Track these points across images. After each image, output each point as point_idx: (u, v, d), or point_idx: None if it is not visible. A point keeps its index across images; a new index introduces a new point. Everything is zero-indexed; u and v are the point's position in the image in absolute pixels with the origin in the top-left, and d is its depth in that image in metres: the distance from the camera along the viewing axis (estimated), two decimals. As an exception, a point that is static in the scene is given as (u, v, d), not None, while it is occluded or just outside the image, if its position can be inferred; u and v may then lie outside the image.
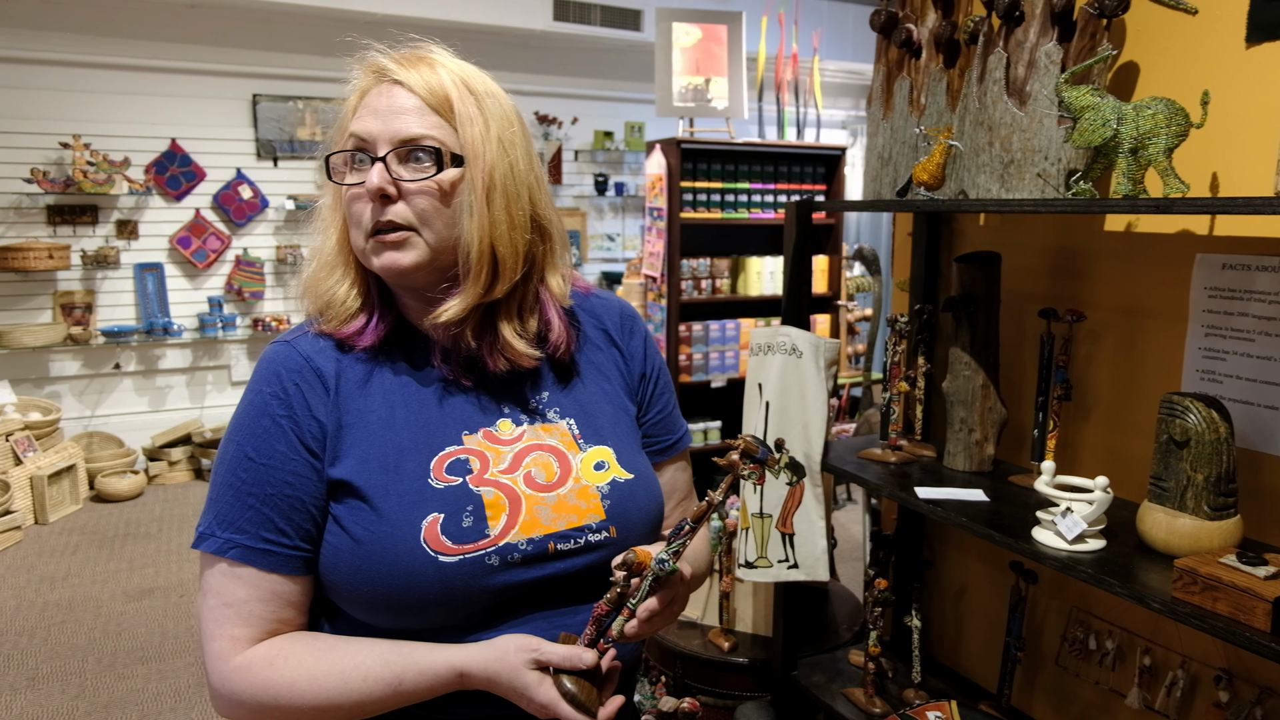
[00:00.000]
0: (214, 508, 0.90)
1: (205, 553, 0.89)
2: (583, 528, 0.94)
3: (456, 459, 0.93)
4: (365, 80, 0.95)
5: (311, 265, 1.00)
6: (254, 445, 0.89)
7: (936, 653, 2.09)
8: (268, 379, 0.92)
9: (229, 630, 0.88)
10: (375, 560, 0.87)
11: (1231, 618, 1.11)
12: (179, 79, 5.22)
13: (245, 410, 0.91)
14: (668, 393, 1.15)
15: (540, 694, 0.83)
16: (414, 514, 0.88)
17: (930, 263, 1.96)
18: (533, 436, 0.98)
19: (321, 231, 1.00)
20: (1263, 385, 1.39)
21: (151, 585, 3.75)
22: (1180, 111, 1.26)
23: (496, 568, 0.89)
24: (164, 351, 5.37)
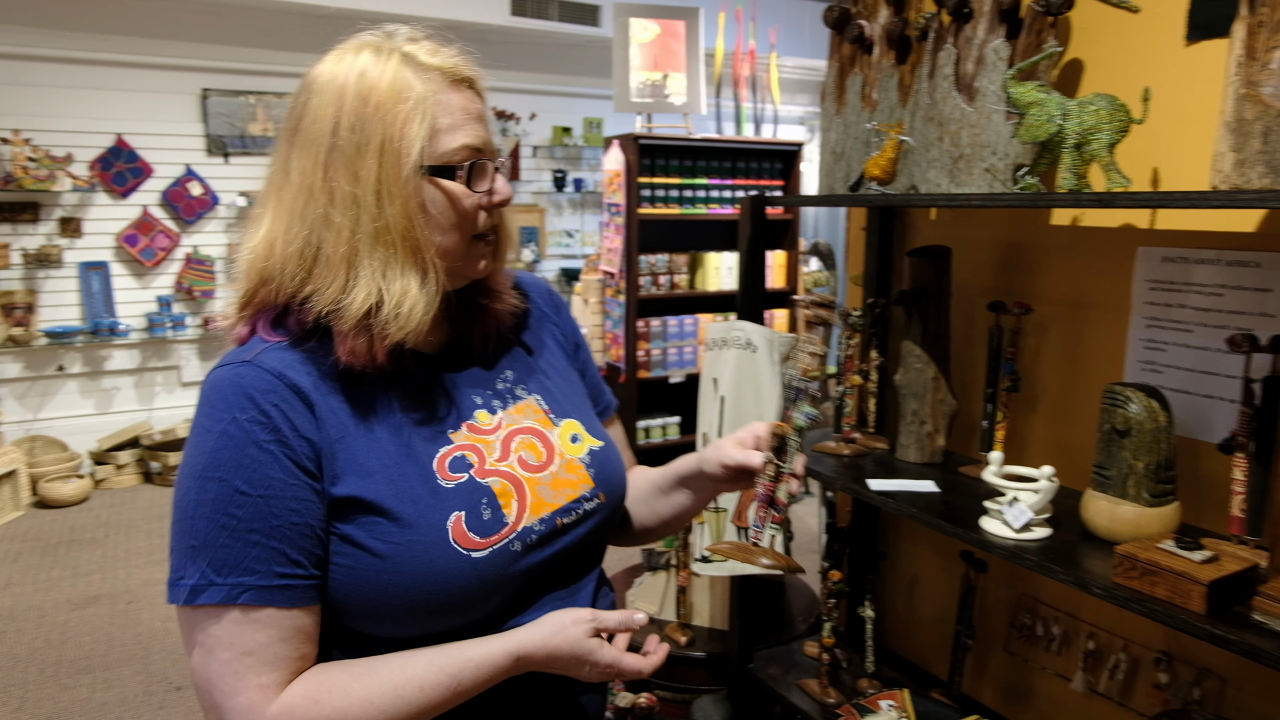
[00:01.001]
0: (204, 554, 0.81)
1: (204, 605, 0.81)
2: (579, 499, 0.99)
3: (455, 456, 0.93)
4: (435, 81, 0.91)
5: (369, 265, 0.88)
6: (244, 478, 0.82)
7: (890, 642, 2.11)
8: (239, 405, 0.84)
9: (255, 680, 0.82)
10: (407, 570, 0.86)
11: (1169, 601, 1.14)
12: (124, 73, 5.09)
13: (220, 443, 0.83)
14: (592, 360, 1.20)
15: (604, 655, 0.91)
16: (437, 517, 0.88)
17: (883, 257, 1.98)
18: (510, 421, 1.00)
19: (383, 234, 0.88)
20: (1200, 375, 1.43)
21: (97, 592, 3.66)
22: (1122, 108, 1.28)
23: (520, 552, 0.92)
24: (110, 352, 5.23)
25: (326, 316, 0.87)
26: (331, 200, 0.87)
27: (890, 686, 1.86)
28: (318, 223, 0.88)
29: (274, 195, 0.91)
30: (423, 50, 0.92)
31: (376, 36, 0.94)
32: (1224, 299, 1.39)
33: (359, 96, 0.87)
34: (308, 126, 0.89)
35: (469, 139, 0.92)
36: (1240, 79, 1.08)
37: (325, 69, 0.90)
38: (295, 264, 0.88)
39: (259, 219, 0.92)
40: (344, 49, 0.92)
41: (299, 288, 0.88)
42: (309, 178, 0.88)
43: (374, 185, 0.87)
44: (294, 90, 0.92)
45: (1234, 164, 1.09)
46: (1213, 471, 1.41)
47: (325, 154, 0.88)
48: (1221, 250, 1.38)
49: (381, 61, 0.89)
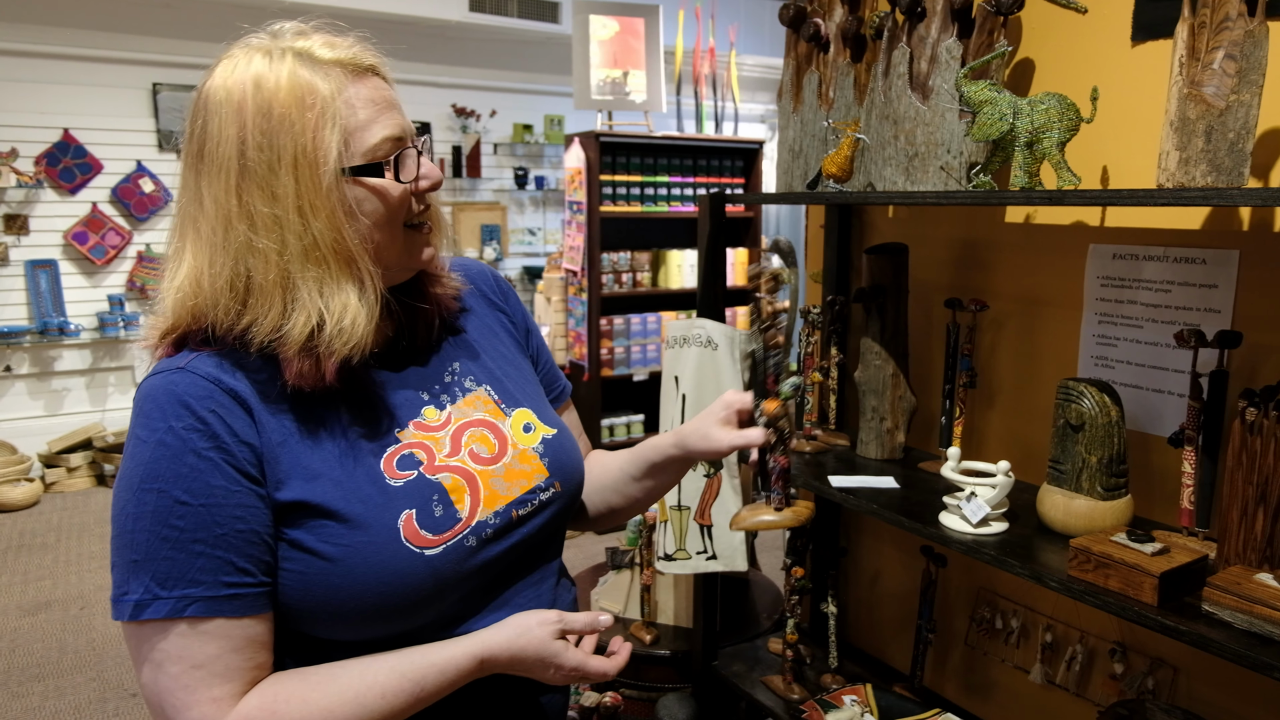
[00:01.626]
0: (146, 569, 0.79)
1: (150, 620, 0.79)
2: (534, 489, 0.98)
3: (403, 455, 0.91)
4: (338, 78, 0.86)
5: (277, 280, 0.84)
6: (184, 488, 0.79)
7: (853, 637, 2.13)
8: (175, 413, 0.80)
9: (207, 693, 0.79)
10: (359, 573, 0.84)
11: (1122, 593, 1.15)
12: (72, 66, 4.96)
13: (157, 453, 0.80)
14: (544, 345, 1.18)
15: (569, 658, 0.91)
16: (387, 516, 0.86)
17: (842, 254, 2.00)
18: (460, 415, 0.98)
19: (290, 243, 0.84)
20: (1150, 370, 1.45)
21: (48, 598, 3.57)
22: (1071, 107, 1.30)
23: (475, 547, 0.91)
24: (60, 353, 5.10)
25: (269, 345, 0.84)
26: (252, 225, 0.83)
27: (854, 681, 1.87)
28: (242, 250, 0.83)
29: (190, 227, 0.86)
30: (317, 45, 0.87)
31: (263, 38, 0.88)
32: (1172, 295, 1.42)
33: (260, 110, 0.82)
34: (212, 150, 0.83)
35: (387, 130, 0.88)
36: (1183, 79, 1.10)
37: (217, 83, 0.84)
38: (228, 297, 0.84)
39: (179, 253, 0.87)
40: (231, 57, 0.86)
41: (235, 320, 0.84)
42: (223, 205, 0.83)
43: (294, 202, 0.83)
44: (187, 109, 0.87)
45: (1178, 162, 1.11)
46: (1163, 464, 1.44)
47: (236, 178, 0.83)
48: (1169, 247, 1.41)
49: (276, 65, 0.84)
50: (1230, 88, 1.06)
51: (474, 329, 1.06)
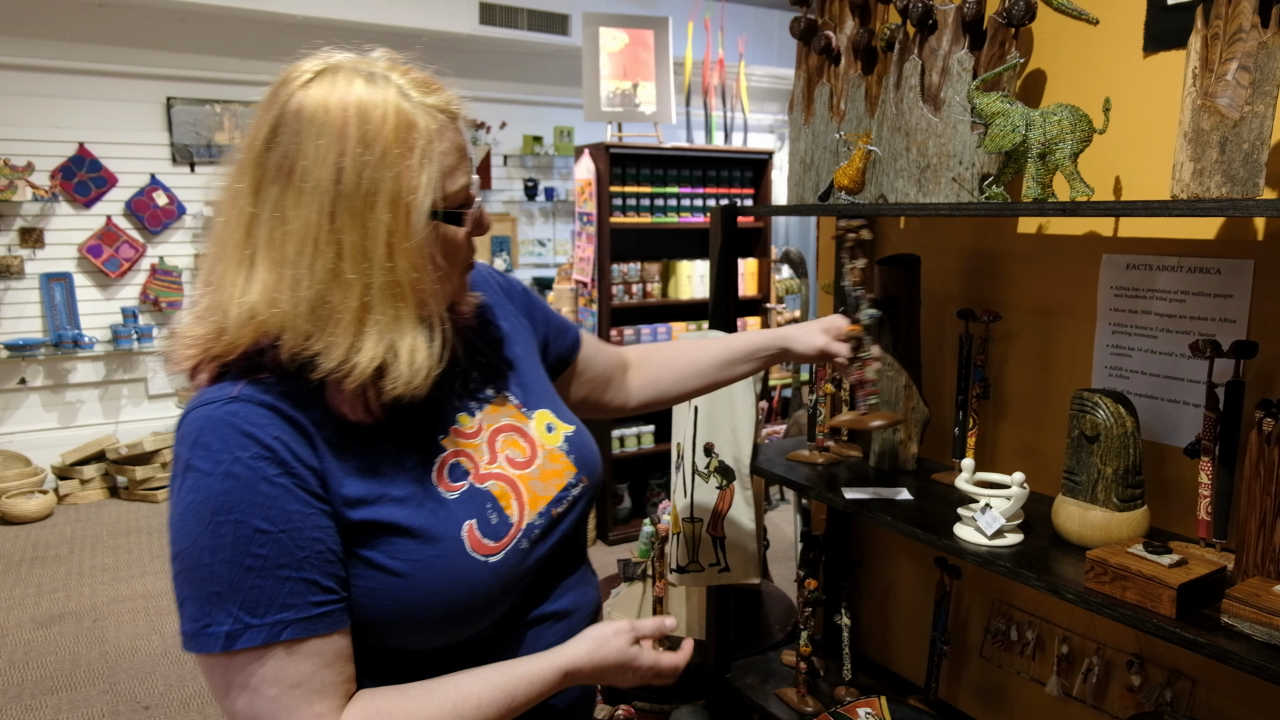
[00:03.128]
0: (232, 599, 0.79)
1: (245, 649, 0.79)
2: (566, 487, 1.02)
3: (451, 465, 0.93)
4: (436, 121, 0.87)
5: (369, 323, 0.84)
6: (261, 516, 0.80)
7: (867, 649, 2.12)
8: (239, 444, 0.80)
9: (309, 710, 0.81)
10: (430, 585, 0.86)
11: (1140, 605, 1.15)
12: (87, 80, 5.01)
13: (226, 485, 0.79)
14: (547, 311, 1.22)
15: (645, 658, 0.98)
16: (452, 529, 0.89)
17: (853, 265, 1.99)
18: (489, 421, 1.00)
19: (372, 281, 0.83)
20: (1165, 380, 1.45)
21: (62, 610, 3.58)
22: (1084, 118, 1.30)
23: (527, 549, 0.95)
24: (74, 365, 5.14)
25: (334, 373, 0.82)
26: (339, 253, 0.82)
27: (868, 694, 1.86)
28: (326, 277, 0.82)
29: (266, 242, 0.83)
30: (411, 83, 0.87)
31: (357, 58, 0.87)
32: (1186, 305, 1.41)
33: (362, 141, 0.81)
34: (305, 170, 0.81)
35: (466, 178, 0.91)
36: (1197, 90, 1.10)
37: (314, 100, 0.82)
38: (306, 321, 0.82)
39: (245, 263, 0.84)
40: (330, 76, 0.84)
41: (302, 345, 0.82)
42: (313, 228, 0.81)
43: (385, 238, 0.82)
44: (267, 114, 0.84)
45: (1193, 173, 1.11)
46: (1179, 475, 1.43)
47: (330, 203, 0.81)
48: (1183, 257, 1.41)
49: (379, 94, 0.83)
50: (1244, 99, 1.06)
51: (489, 334, 1.08)
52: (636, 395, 1.35)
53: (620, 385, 1.33)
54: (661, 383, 1.35)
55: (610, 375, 1.31)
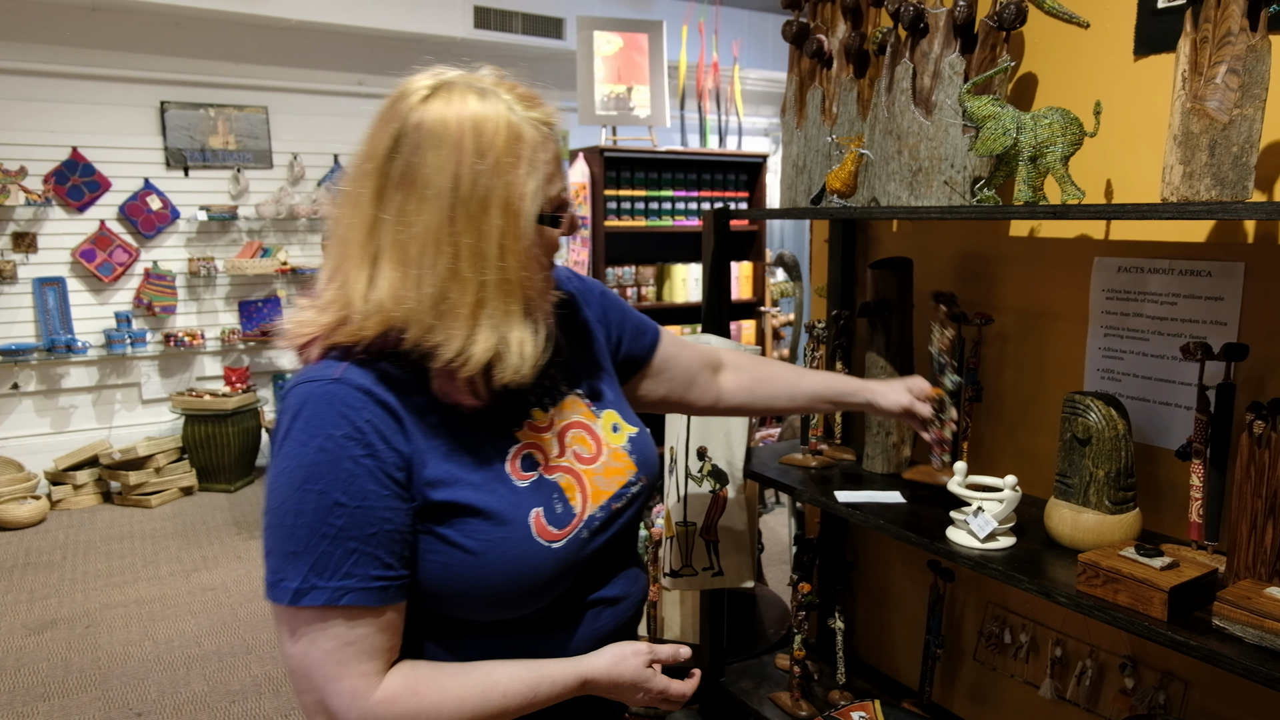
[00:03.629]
0: (305, 559, 0.88)
1: (309, 606, 0.88)
2: (626, 484, 1.08)
3: (524, 455, 1.01)
4: (540, 133, 0.95)
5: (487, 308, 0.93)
6: (342, 490, 0.88)
7: (862, 653, 2.12)
8: (334, 422, 0.89)
9: (357, 668, 0.90)
10: (498, 564, 0.94)
11: (1132, 608, 1.15)
12: (80, 85, 4.99)
13: (318, 457, 0.89)
14: (625, 311, 1.27)
15: (656, 682, 1.04)
16: (521, 514, 0.96)
17: (847, 268, 2.00)
18: (560, 417, 1.07)
19: (486, 274, 0.92)
20: (1156, 382, 1.45)
21: (54, 617, 3.56)
22: (1075, 121, 1.30)
23: (587, 539, 1.01)
24: (67, 370, 5.11)
25: (452, 362, 0.91)
26: (457, 254, 0.90)
27: (862, 697, 1.86)
28: (446, 275, 0.90)
29: (391, 244, 0.91)
30: (517, 98, 0.95)
31: (467, 75, 0.95)
32: (1178, 307, 1.41)
33: (477, 151, 0.90)
34: (428, 179, 0.90)
35: (561, 184, 0.99)
36: (1186, 93, 1.10)
37: (434, 115, 0.91)
38: (429, 315, 0.91)
39: (369, 262, 0.92)
40: (446, 92, 0.92)
41: (424, 336, 0.91)
42: (434, 231, 0.90)
43: (498, 239, 0.91)
44: (387, 127, 0.92)
45: (1182, 176, 1.11)
46: (1171, 477, 1.44)
47: (449, 208, 0.90)
48: (1174, 260, 1.41)
49: (490, 108, 0.92)
50: (1233, 102, 1.06)
51: (566, 334, 1.13)
52: (729, 398, 1.41)
53: (708, 385, 1.38)
54: (758, 393, 1.42)
55: (694, 375, 1.36)
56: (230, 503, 5.04)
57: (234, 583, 3.89)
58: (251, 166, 5.50)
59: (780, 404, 1.45)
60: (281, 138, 5.56)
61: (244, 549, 4.30)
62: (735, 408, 1.43)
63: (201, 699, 2.95)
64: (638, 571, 1.15)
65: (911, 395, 1.45)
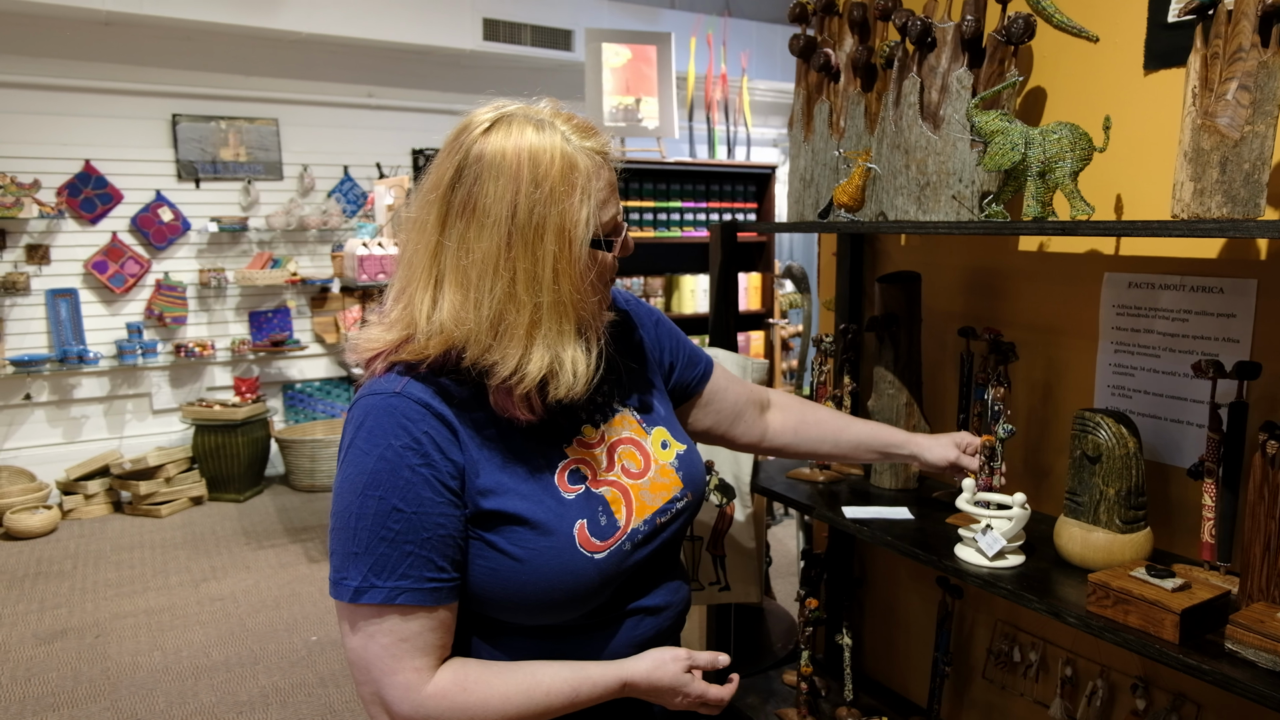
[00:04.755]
0: (364, 560, 0.94)
1: (366, 603, 0.95)
2: (672, 500, 1.12)
3: (571, 470, 1.05)
4: (594, 162, 1.00)
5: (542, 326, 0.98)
6: (400, 497, 0.94)
7: (870, 669, 2.10)
8: (394, 432, 0.95)
9: (411, 663, 0.96)
10: (542, 572, 0.98)
11: (1143, 630, 1.13)
12: (92, 98, 5.04)
13: (379, 465, 0.95)
14: (679, 338, 1.31)
15: (695, 687, 1.08)
16: (566, 526, 1.01)
17: (855, 282, 1.99)
18: (611, 434, 1.12)
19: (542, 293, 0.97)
20: (1168, 400, 1.43)
21: (64, 626, 3.57)
22: (1084, 136, 1.29)
23: (629, 551, 1.05)
24: (79, 380, 5.15)
25: (507, 380, 0.96)
26: (514, 278, 0.95)
27: (869, 714, 1.84)
28: (504, 298, 0.95)
29: (453, 268, 0.97)
30: (573, 128, 1.00)
31: (526, 108, 1.00)
32: (1189, 324, 1.40)
33: (533, 181, 0.95)
34: (486, 207, 0.95)
35: (615, 209, 1.03)
36: (1197, 110, 1.09)
37: (494, 146, 0.95)
38: (487, 335, 0.96)
39: (432, 284, 0.98)
40: (505, 125, 0.97)
41: (483, 354, 0.96)
42: (492, 257, 0.95)
43: (551, 264, 0.96)
44: (451, 158, 0.97)
45: (1193, 193, 1.10)
46: (1183, 497, 1.42)
47: (506, 235, 0.95)
48: (1185, 276, 1.39)
49: (546, 139, 0.96)
50: (1244, 119, 1.05)
51: (620, 353, 1.17)
52: (774, 437, 1.43)
53: (754, 422, 1.41)
54: (803, 436, 1.44)
55: (741, 411, 1.39)
56: (239, 513, 5.05)
57: (242, 593, 3.90)
58: (262, 178, 5.54)
59: (825, 449, 1.46)
60: (292, 149, 5.60)
61: (252, 559, 4.31)
62: (778, 448, 1.45)
63: (209, 710, 2.95)
64: (680, 583, 1.18)
65: (959, 450, 1.45)
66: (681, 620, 1.18)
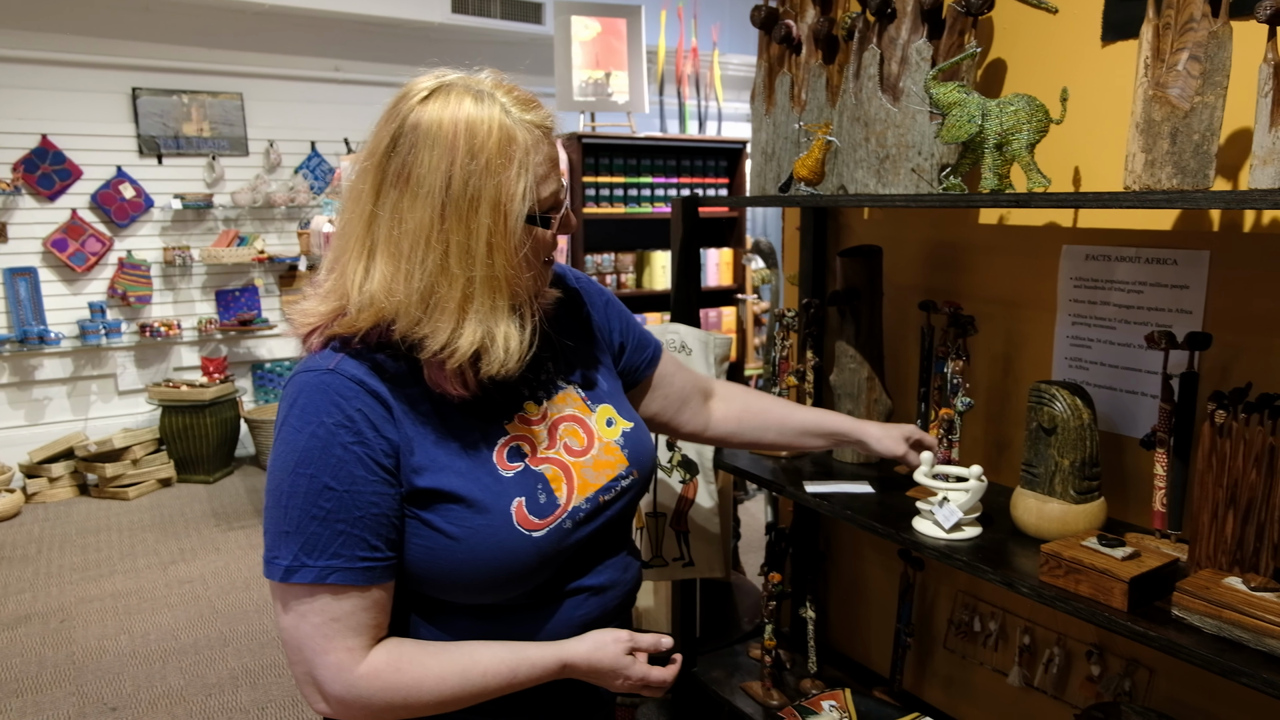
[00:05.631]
0: (295, 539, 0.93)
1: (297, 582, 0.94)
2: (616, 477, 1.11)
3: (511, 447, 1.04)
4: (532, 135, 0.98)
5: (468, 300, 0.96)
6: (331, 475, 0.93)
7: (835, 642, 2.12)
8: (326, 409, 0.94)
9: (343, 643, 0.95)
10: (478, 550, 0.97)
11: (1093, 599, 1.14)
12: (49, 71, 4.91)
13: (309, 443, 0.94)
14: (629, 320, 1.31)
15: (636, 669, 1.07)
16: (503, 503, 1.00)
17: (818, 257, 1.98)
18: (554, 410, 1.11)
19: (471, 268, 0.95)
20: (1123, 371, 1.44)
21: (29, 611, 3.53)
22: (1040, 108, 1.29)
23: (570, 529, 1.04)
24: (41, 361, 5.05)
25: (438, 354, 0.95)
26: (447, 250, 0.94)
27: (833, 686, 1.86)
28: (435, 270, 0.94)
29: (385, 239, 0.95)
30: (514, 100, 0.98)
31: (467, 77, 0.98)
32: (1144, 296, 1.41)
33: (469, 152, 0.93)
34: (421, 177, 0.93)
35: (556, 186, 1.01)
36: (1148, 80, 1.09)
37: (430, 116, 0.94)
38: (417, 308, 0.94)
39: (365, 255, 0.96)
40: (444, 94, 0.95)
41: (413, 328, 0.95)
42: (425, 228, 0.94)
43: (486, 237, 0.94)
44: (388, 126, 0.95)
45: (1144, 164, 1.10)
46: (1137, 467, 1.43)
47: (440, 207, 0.93)
48: (1141, 248, 1.40)
49: (485, 111, 0.94)
50: (1195, 89, 1.05)
51: (566, 330, 1.17)
52: (716, 426, 1.43)
53: (698, 411, 1.41)
54: (746, 425, 1.44)
55: (687, 398, 1.39)
56: (209, 494, 5.00)
57: (212, 575, 3.87)
58: (226, 154, 5.43)
59: (769, 437, 1.46)
60: (257, 125, 5.49)
61: (222, 541, 4.27)
62: (721, 437, 1.44)
63: (178, 692, 2.93)
64: (630, 561, 1.17)
65: (906, 446, 1.45)
66: (630, 600, 1.17)
